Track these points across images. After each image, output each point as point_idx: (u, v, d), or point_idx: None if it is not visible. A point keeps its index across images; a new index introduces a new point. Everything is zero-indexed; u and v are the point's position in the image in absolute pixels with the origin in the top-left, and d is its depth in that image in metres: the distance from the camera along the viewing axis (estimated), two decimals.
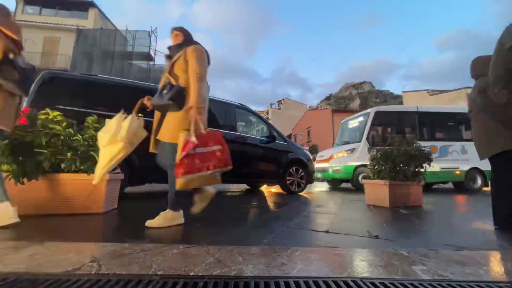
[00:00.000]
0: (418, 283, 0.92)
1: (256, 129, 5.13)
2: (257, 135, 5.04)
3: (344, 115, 24.43)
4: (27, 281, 0.87)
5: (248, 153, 4.37)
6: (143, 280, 0.88)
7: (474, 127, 2.02)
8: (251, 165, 4.40)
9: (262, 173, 4.56)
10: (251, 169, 4.40)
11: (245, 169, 4.29)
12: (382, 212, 2.65)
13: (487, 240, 1.58)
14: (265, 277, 0.93)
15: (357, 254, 1.21)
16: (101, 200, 2.24)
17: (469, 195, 5.03)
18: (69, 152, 2.16)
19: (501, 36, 1.62)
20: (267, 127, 4.88)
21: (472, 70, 2.08)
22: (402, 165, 3.11)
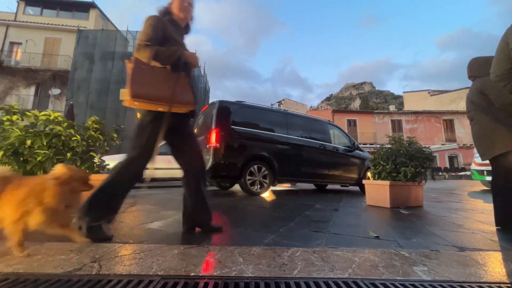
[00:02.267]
0: (419, 283, 0.91)
1: (340, 141, 5.82)
2: (340, 145, 5.77)
3: (344, 116, 24.57)
4: (28, 281, 0.87)
5: (338, 161, 5.35)
6: (143, 281, 0.88)
7: (474, 128, 2.01)
8: (340, 170, 5.32)
9: (347, 177, 5.43)
10: (341, 172, 5.33)
11: (335, 173, 5.24)
12: (383, 213, 2.65)
13: (489, 240, 1.58)
14: (265, 278, 0.92)
15: (358, 254, 1.21)
16: None
17: (469, 195, 5.02)
18: (69, 153, 2.17)
19: (505, 34, 1.62)
20: (348, 139, 5.84)
21: (469, 71, 2.08)
22: (402, 165, 3.10)
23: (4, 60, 16.29)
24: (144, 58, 1.40)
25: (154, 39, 1.44)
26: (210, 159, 3.88)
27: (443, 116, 24.11)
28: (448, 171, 22.04)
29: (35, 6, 18.54)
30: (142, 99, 1.35)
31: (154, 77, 1.40)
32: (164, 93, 1.40)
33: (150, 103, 1.39)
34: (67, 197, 1.11)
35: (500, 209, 1.88)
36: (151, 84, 1.38)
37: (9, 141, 1.96)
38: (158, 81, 1.40)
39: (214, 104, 4.43)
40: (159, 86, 1.39)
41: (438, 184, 10.38)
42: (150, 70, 1.40)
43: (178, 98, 1.44)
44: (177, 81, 1.45)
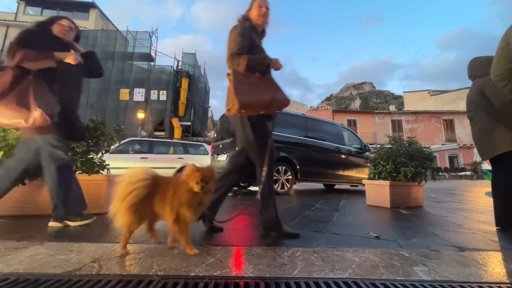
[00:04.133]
0: (419, 283, 0.91)
1: (352, 143, 6.07)
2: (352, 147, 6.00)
3: (344, 116, 24.56)
4: (27, 281, 0.87)
5: (351, 162, 5.61)
6: (143, 281, 0.88)
7: (474, 128, 2.01)
8: (353, 170, 5.58)
9: (358, 178, 5.64)
10: (353, 173, 5.59)
11: (349, 173, 5.49)
12: (383, 213, 2.65)
13: (489, 241, 1.58)
14: (265, 278, 0.92)
15: (358, 254, 1.21)
16: (101, 200, 2.25)
17: (469, 195, 5.02)
18: (69, 153, 2.16)
19: (506, 34, 1.62)
20: (359, 141, 6.12)
21: (470, 71, 2.08)
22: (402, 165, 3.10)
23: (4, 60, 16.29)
24: (238, 67, 1.50)
25: (244, 47, 1.55)
26: None
27: (443, 116, 24.11)
28: (448, 171, 22.05)
29: (35, 6, 18.57)
30: (248, 108, 1.44)
31: (251, 85, 1.50)
32: (263, 97, 1.50)
33: (255, 109, 1.49)
34: (202, 196, 1.15)
35: (501, 209, 1.88)
36: (251, 91, 1.48)
37: (10, 141, 1.96)
38: (255, 87, 1.50)
39: None
40: (257, 92, 1.49)
41: (438, 184, 10.38)
42: (246, 79, 1.50)
43: (278, 99, 1.53)
44: (273, 85, 1.58)
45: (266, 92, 1.51)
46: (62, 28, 1.87)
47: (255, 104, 1.46)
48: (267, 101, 1.49)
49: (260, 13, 1.69)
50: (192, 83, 17.09)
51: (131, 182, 1.06)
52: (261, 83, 1.54)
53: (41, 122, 1.59)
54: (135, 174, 1.09)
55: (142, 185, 1.07)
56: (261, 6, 1.69)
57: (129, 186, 1.06)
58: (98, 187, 2.25)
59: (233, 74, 1.47)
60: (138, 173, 1.10)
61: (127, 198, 1.06)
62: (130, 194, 1.05)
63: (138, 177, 1.08)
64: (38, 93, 1.64)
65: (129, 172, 1.10)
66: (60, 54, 1.75)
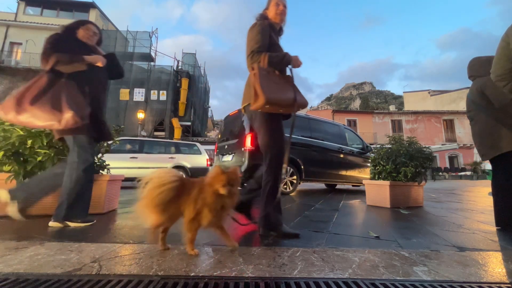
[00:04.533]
0: (419, 284, 0.91)
1: (354, 143, 6.17)
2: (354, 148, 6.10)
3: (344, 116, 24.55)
4: (28, 281, 0.87)
5: (354, 162, 5.70)
6: (143, 281, 0.88)
7: (474, 128, 2.00)
8: (355, 170, 5.67)
9: (360, 177, 5.67)
10: (356, 173, 5.68)
11: (351, 173, 5.58)
12: (383, 213, 2.65)
13: (489, 241, 1.58)
14: (265, 278, 0.92)
15: (358, 254, 1.21)
16: (101, 200, 2.25)
17: (469, 195, 5.02)
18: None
19: (506, 34, 1.62)
20: (361, 141, 6.25)
21: (470, 71, 2.08)
22: (402, 165, 3.10)
23: (4, 60, 16.30)
24: (260, 64, 1.49)
25: (264, 45, 1.55)
26: (246, 161, 4.19)
27: (443, 116, 24.11)
28: (448, 171, 22.05)
29: (35, 6, 18.56)
30: (272, 105, 1.44)
31: (273, 82, 1.49)
32: (286, 95, 1.51)
33: (278, 107, 1.49)
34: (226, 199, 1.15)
35: (501, 209, 1.88)
36: (275, 89, 1.48)
37: (10, 141, 1.96)
38: (277, 85, 1.50)
39: None
40: (281, 90, 1.50)
41: (438, 184, 10.38)
42: (269, 76, 1.49)
43: (299, 100, 1.55)
44: (292, 85, 1.59)
45: (288, 91, 1.53)
46: (86, 33, 1.94)
47: (279, 102, 1.47)
48: (290, 100, 1.50)
49: (278, 11, 1.70)
50: (192, 83, 17.09)
51: (159, 183, 1.08)
52: (282, 81, 1.55)
53: (73, 123, 1.65)
54: (162, 175, 1.10)
55: (170, 186, 1.08)
56: (279, 4, 1.70)
57: (157, 187, 1.07)
58: (98, 187, 2.25)
59: (258, 69, 1.46)
60: (166, 174, 1.11)
61: (156, 198, 1.07)
62: (158, 194, 1.07)
63: (165, 178, 1.09)
64: (70, 95, 1.70)
65: (156, 173, 1.12)
66: (89, 58, 1.83)
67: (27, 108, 1.59)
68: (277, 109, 1.51)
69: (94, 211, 2.21)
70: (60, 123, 1.62)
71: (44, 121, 1.62)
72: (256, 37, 1.55)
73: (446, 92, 28.38)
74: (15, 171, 1.97)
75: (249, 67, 1.58)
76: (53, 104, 1.63)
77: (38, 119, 1.61)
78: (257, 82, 1.43)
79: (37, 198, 1.83)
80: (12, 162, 1.99)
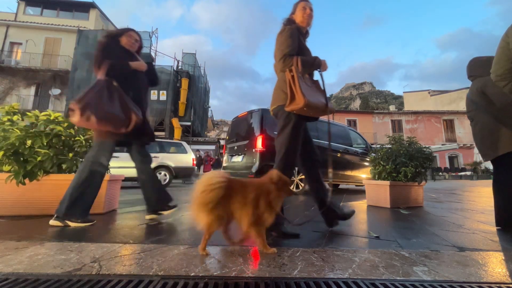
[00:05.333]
0: (419, 284, 0.91)
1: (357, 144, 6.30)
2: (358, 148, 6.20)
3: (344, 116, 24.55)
4: (27, 281, 0.87)
5: (358, 162, 5.78)
6: (143, 281, 0.88)
7: (475, 129, 2.00)
8: (359, 170, 5.75)
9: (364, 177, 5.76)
10: (360, 173, 5.75)
11: (356, 173, 5.69)
12: (383, 213, 2.65)
13: (489, 241, 1.58)
14: (265, 278, 0.92)
15: (358, 254, 1.21)
16: (101, 200, 2.24)
17: (469, 195, 5.02)
18: (71, 153, 2.17)
19: (506, 34, 1.62)
20: (365, 142, 6.36)
21: (470, 71, 2.07)
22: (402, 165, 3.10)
23: (4, 60, 16.30)
24: (291, 67, 1.52)
25: (295, 48, 1.58)
26: (257, 162, 4.34)
27: (443, 116, 24.10)
28: (448, 171, 22.04)
29: (35, 6, 18.54)
30: (309, 108, 1.47)
31: (307, 86, 1.53)
32: (322, 100, 1.55)
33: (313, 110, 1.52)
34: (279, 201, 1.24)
35: (501, 210, 1.88)
36: (312, 92, 1.52)
37: (10, 141, 1.96)
38: (310, 89, 1.54)
39: (256, 112, 4.89)
40: (315, 94, 1.54)
41: (438, 184, 10.37)
42: (304, 79, 1.54)
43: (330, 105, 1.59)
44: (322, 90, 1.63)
45: (319, 96, 1.57)
46: (129, 40, 2.04)
47: (315, 105, 1.49)
48: (322, 105, 1.54)
49: (305, 15, 1.74)
50: (192, 83, 17.09)
51: (209, 184, 1.09)
52: (313, 85, 1.59)
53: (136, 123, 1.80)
54: (212, 177, 1.12)
55: (219, 187, 1.10)
56: (305, 8, 1.75)
57: (207, 188, 1.09)
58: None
59: (295, 72, 1.49)
60: (215, 176, 1.13)
61: (206, 199, 1.09)
62: (208, 195, 1.08)
63: (215, 180, 1.11)
64: (128, 99, 1.83)
65: (206, 175, 1.14)
66: (134, 64, 1.95)
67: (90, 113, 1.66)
68: (309, 112, 1.54)
69: (94, 211, 2.20)
70: (127, 126, 1.77)
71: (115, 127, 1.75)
72: (287, 41, 1.59)
73: (446, 92, 28.37)
74: (15, 171, 1.97)
75: (280, 70, 1.62)
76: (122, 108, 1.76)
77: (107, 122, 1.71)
78: (296, 85, 1.46)
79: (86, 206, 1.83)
80: (12, 162, 1.99)
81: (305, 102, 1.42)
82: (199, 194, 1.09)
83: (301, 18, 1.74)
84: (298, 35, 1.65)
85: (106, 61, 1.81)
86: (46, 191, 2.12)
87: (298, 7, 1.76)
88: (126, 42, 2.03)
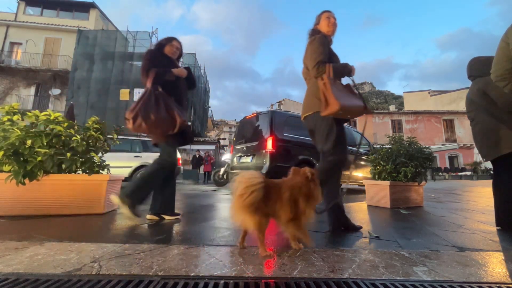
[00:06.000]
0: (419, 284, 0.91)
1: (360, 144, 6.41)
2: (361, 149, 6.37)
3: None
4: (27, 281, 0.87)
5: (362, 163, 5.87)
6: (143, 281, 0.88)
7: (475, 129, 2.00)
8: (363, 171, 5.80)
9: None
10: (364, 173, 5.79)
11: (359, 172, 5.81)
12: (383, 213, 2.65)
13: (489, 241, 1.58)
14: (266, 278, 0.92)
15: (358, 255, 1.21)
16: (101, 200, 2.25)
17: (469, 195, 5.02)
18: (69, 153, 2.17)
19: (506, 34, 1.61)
20: (368, 143, 6.55)
21: (469, 71, 2.07)
22: (402, 165, 3.10)
23: (4, 60, 16.29)
24: (325, 74, 1.62)
25: (326, 56, 1.69)
26: (267, 162, 4.43)
27: (443, 116, 24.10)
28: (448, 171, 22.04)
29: (35, 6, 18.53)
30: (345, 111, 1.57)
31: (339, 90, 1.61)
32: (357, 103, 1.63)
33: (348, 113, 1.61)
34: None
35: (501, 210, 1.88)
36: (344, 96, 1.60)
37: (10, 141, 1.96)
38: (343, 93, 1.62)
39: (266, 113, 5.00)
40: (347, 97, 1.62)
41: (438, 184, 10.37)
42: (336, 84, 1.62)
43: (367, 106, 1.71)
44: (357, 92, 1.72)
45: (353, 98, 1.65)
46: (171, 48, 2.18)
47: (350, 108, 1.58)
48: (359, 107, 1.64)
49: (330, 24, 1.86)
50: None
51: (249, 184, 1.10)
52: (345, 89, 1.67)
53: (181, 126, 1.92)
54: (251, 178, 1.12)
55: (260, 188, 1.11)
56: (330, 18, 1.86)
57: (247, 188, 1.09)
58: (98, 187, 2.25)
59: (328, 79, 1.59)
60: (253, 177, 1.14)
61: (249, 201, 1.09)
62: (251, 197, 1.09)
63: (255, 181, 1.12)
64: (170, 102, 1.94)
65: (245, 175, 1.15)
66: (176, 71, 2.08)
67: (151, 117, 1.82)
68: (345, 115, 1.62)
69: (94, 211, 2.21)
70: (174, 129, 1.90)
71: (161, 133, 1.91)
72: (318, 49, 1.68)
73: (446, 92, 28.37)
74: (15, 171, 1.97)
75: (314, 77, 1.71)
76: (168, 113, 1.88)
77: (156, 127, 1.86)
78: (329, 91, 1.56)
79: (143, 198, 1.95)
80: (12, 162, 1.99)
81: (340, 106, 1.51)
82: (241, 197, 1.09)
83: (327, 27, 1.84)
84: (328, 43, 1.77)
85: (153, 69, 1.94)
86: (46, 191, 2.12)
87: (322, 17, 1.87)
88: (169, 51, 2.17)
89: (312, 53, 1.71)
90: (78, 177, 2.22)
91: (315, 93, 1.71)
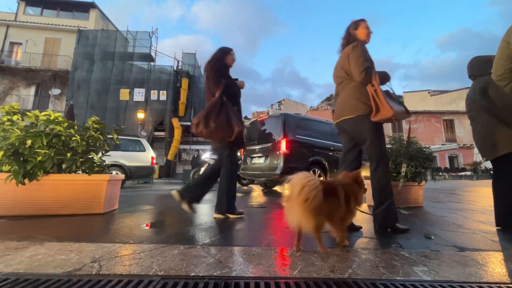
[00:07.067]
0: (419, 284, 0.91)
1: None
2: None
3: None
4: (27, 281, 0.87)
5: None
6: (143, 281, 0.88)
7: (476, 128, 2.00)
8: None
9: None
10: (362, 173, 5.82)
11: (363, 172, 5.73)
12: None
13: (489, 241, 1.58)
14: (266, 278, 0.92)
15: (358, 255, 1.21)
16: (101, 200, 2.25)
17: (469, 195, 5.02)
18: (69, 153, 2.17)
19: (506, 33, 1.61)
20: None
21: (470, 70, 2.07)
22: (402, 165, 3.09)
23: (4, 60, 16.29)
24: (372, 79, 1.69)
25: (370, 62, 1.78)
26: (281, 163, 4.59)
27: (443, 116, 24.09)
28: (448, 171, 22.04)
29: (35, 6, 18.53)
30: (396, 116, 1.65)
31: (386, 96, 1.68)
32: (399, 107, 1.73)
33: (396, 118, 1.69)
34: None
35: (501, 210, 1.88)
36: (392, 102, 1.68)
37: (10, 141, 1.96)
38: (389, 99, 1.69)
39: (279, 116, 5.17)
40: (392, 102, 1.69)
41: (438, 184, 10.37)
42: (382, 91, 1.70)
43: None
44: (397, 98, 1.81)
45: (397, 104, 1.74)
46: (230, 58, 2.32)
47: (398, 113, 1.67)
48: (403, 112, 1.74)
49: (369, 35, 1.96)
50: (192, 83, 17.08)
51: (310, 190, 1.09)
52: (388, 96, 1.74)
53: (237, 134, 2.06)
54: (308, 181, 1.11)
55: (319, 190, 1.11)
56: (368, 28, 1.96)
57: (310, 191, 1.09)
58: (98, 187, 2.25)
59: (378, 86, 1.67)
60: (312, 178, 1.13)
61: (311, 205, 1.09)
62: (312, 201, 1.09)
63: (315, 183, 1.11)
64: (235, 114, 2.11)
65: (297, 179, 1.13)
66: (239, 82, 2.30)
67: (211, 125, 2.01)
68: (392, 120, 1.70)
69: (94, 211, 2.21)
70: (231, 137, 2.05)
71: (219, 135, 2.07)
72: (363, 55, 1.75)
73: (446, 92, 28.35)
74: (15, 171, 1.97)
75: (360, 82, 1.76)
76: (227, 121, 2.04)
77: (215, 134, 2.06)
78: (381, 98, 1.65)
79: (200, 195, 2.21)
80: (12, 162, 1.99)
81: (394, 113, 1.61)
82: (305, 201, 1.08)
83: (365, 36, 1.93)
84: (367, 50, 1.84)
85: (223, 81, 2.10)
86: (46, 191, 2.12)
87: (362, 25, 1.95)
88: (228, 61, 2.30)
89: (357, 58, 1.75)
90: (78, 177, 2.22)
91: (358, 97, 1.76)
